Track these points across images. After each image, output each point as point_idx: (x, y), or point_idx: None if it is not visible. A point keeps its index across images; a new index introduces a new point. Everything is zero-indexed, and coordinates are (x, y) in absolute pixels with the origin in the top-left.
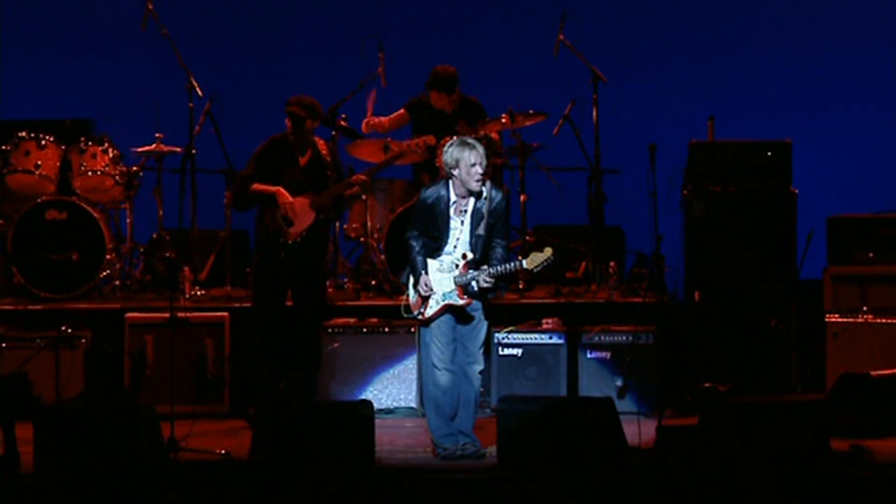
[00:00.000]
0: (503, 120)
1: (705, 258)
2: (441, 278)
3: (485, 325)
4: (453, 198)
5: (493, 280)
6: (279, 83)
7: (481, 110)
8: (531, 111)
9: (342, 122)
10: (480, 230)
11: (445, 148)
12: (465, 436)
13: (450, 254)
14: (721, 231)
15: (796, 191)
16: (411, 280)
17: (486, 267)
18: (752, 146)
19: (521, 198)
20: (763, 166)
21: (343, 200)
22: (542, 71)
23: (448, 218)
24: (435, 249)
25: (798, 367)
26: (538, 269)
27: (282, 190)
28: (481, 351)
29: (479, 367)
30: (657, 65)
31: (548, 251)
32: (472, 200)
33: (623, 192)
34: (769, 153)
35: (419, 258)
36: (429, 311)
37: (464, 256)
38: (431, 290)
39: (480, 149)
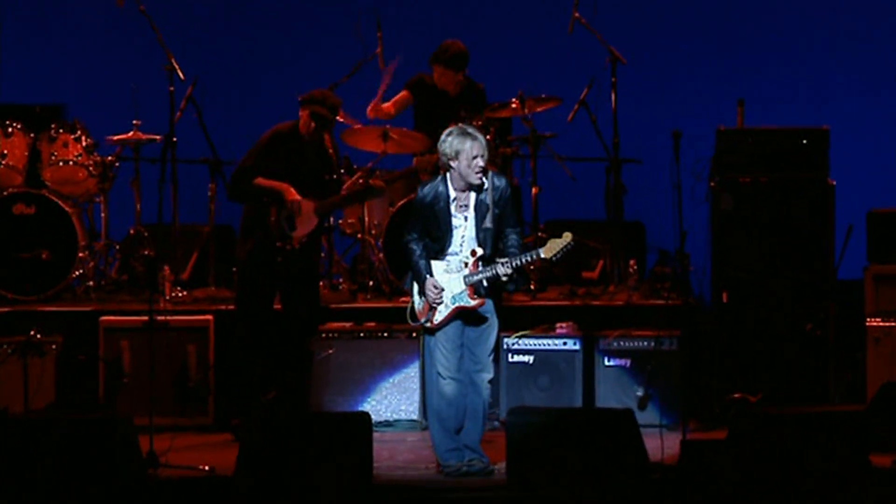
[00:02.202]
0: (513, 105)
1: (734, 256)
2: (449, 280)
3: (495, 329)
4: (453, 193)
5: (509, 273)
6: (268, 64)
7: (484, 99)
8: (543, 95)
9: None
10: (487, 223)
11: (443, 137)
12: (472, 451)
13: (456, 254)
14: (751, 226)
15: (834, 182)
16: (416, 286)
17: (499, 259)
18: (786, 133)
19: (533, 190)
20: (797, 155)
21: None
22: (556, 51)
23: (450, 216)
24: (438, 251)
25: (836, 376)
26: (557, 256)
27: (290, 188)
28: (491, 358)
29: (489, 375)
30: (681, 44)
31: (567, 236)
32: (472, 194)
33: (644, 184)
34: (804, 141)
35: (421, 262)
36: (438, 318)
37: (473, 253)
38: (441, 291)
39: (482, 139)
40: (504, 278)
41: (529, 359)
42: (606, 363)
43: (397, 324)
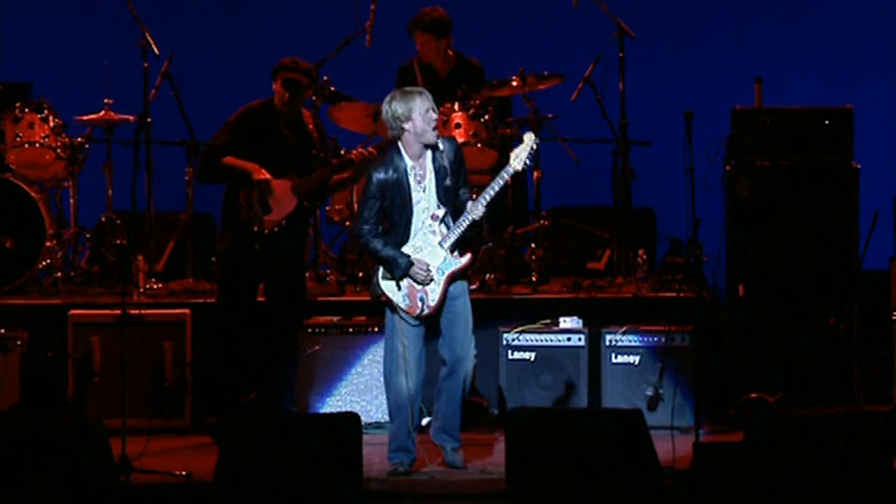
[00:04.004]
0: (513, 83)
1: (751, 245)
2: (426, 256)
3: (469, 310)
4: (410, 162)
5: (484, 211)
6: (249, 39)
7: (482, 76)
8: (546, 73)
9: (332, 88)
10: (448, 181)
11: (386, 106)
12: (448, 435)
13: (417, 232)
14: (769, 213)
15: (859, 166)
16: (384, 284)
17: (470, 203)
18: (807, 113)
19: (535, 175)
20: (819, 137)
21: (329, 185)
22: (559, 25)
23: (410, 191)
24: (399, 238)
25: (861, 374)
26: (528, 162)
27: (259, 167)
28: (471, 343)
29: (469, 362)
30: (694, 17)
31: (528, 138)
32: (427, 159)
33: (654, 168)
34: (826, 121)
35: (390, 250)
36: (434, 297)
37: (434, 217)
38: (429, 270)
39: (427, 93)
40: (478, 215)
41: (531, 356)
42: (613, 360)
43: None
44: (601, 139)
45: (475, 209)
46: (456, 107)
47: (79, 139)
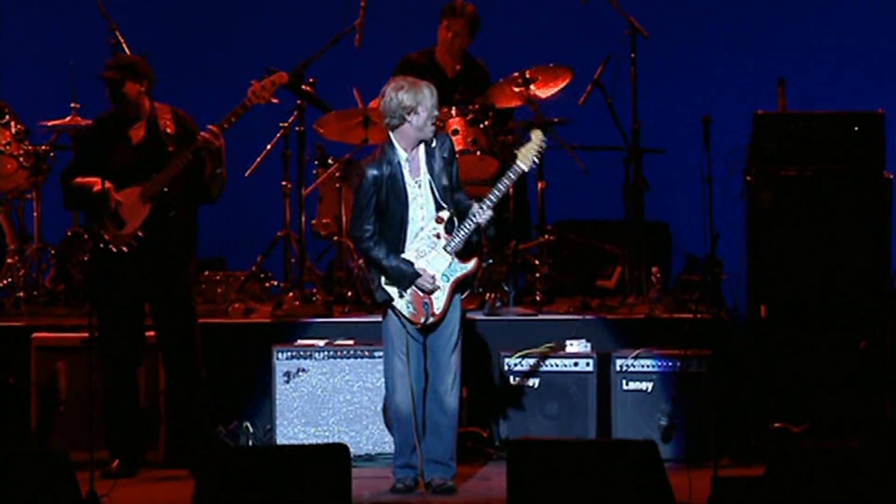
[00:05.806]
0: (515, 87)
1: (774, 262)
2: (429, 262)
3: (458, 330)
4: (403, 154)
5: (490, 215)
6: (229, 37)
7: (486, 77)
8: (552, 65)
9: (308, 88)
10: (444, 180)
11: (392, 94)
12: (439, 464)
13: (417, 233)
14: (794, 227)
15: (891, 175)
16: (389, 290)
17: (476, 206)
18: (834, 118)
19: (539, 185)
20: (848, 144)
21: (201, 177)
22: (566, 23)
23: (405, 185)
24: (398, 241)
25: (894, 402)
26: (536, 161)
27: (96, 180)
28: (454, 372)
29: (455, 389)
30: (712, 14)
31: (536, 136)
32: (420, 153)
33: (669, 178)
34: (856, 127)
35: (393, 260)
36: (439, 305)
37: (438, 220)
38: (435, 280)
39: (434, 88)
40: (486, 223)
41: (535, 382)
42: (624, 387)
43: (380, 342)
44: (611, 146)
45: (480, 212)
46: (454, 111)
47: (43, 146)
